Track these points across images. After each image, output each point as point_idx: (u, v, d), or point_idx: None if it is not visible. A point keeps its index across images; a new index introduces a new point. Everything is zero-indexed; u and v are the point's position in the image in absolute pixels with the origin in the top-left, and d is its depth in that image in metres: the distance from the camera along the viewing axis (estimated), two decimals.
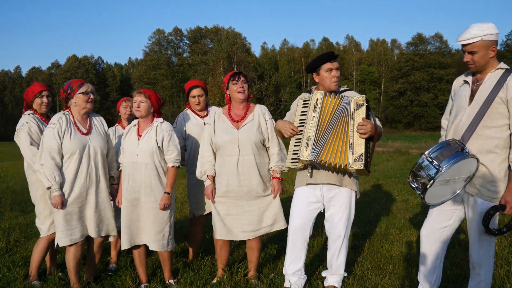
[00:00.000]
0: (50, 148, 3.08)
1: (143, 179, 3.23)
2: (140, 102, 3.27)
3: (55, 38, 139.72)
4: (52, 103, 3.65)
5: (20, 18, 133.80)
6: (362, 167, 2.72)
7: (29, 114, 3.40)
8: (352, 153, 2.74)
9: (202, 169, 3.32)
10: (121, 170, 3.38)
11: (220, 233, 3.30)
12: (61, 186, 3.09)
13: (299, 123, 2.93)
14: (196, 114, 3.90)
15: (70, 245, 3.15)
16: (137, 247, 3.33)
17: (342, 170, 2.86)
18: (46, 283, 3.32)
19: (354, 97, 2.81)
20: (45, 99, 3.45)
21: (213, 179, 3.31)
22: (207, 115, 3.90)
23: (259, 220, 3.26)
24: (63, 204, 3.07)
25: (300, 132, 2.90)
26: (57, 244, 3.15)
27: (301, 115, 2.95)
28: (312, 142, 2.78)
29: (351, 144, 2.75)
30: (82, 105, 3.21)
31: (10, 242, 4.65)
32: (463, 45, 2.56)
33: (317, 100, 2.83)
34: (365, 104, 2.79)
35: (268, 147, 3.32)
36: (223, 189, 3.24)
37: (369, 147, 2.80)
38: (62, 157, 3.13)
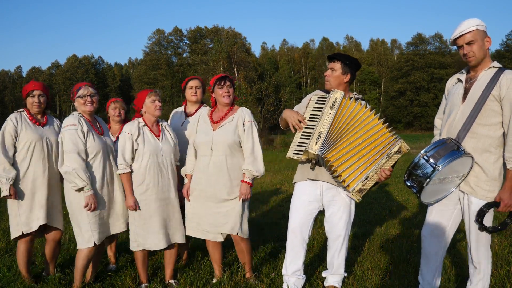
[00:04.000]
0: (78, 149, 3.10)
1: (172, 177, 3.36)
2: (159, 101, 3.34)
3: (55, 38, 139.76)
4: (51, 103, 3.63)
5: (20, 18, 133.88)
6: (358, 201, 2.87)
7: (17, 111, 3.41)
8: (362, 185, 2.81)
9: (184, 168, 3.45)
10: (126, 172, 3.26)
11: (191, 231, 3.39)
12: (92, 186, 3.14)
13: (310, 118, 2.93)
14: (185, 111, 3.95)
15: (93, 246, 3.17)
16: None
17: (338, 181, 2.88)
18: (46, 283, 3.32)
19: (403, 143, 2.80)
20: (36, 99, 3.40)
21: (192, 178, 3.39)
22: (194, 114, 3.89)
23: (223, 222, 3.27)
24: (96, 203, 3.12)
25: (310, 126, 2.89)
26: (93, 242, 3.14)
27: (313, 110, 2.94)
28: (324, 138, 2.77)
29: (368, 177, 2.80)
30: (81, 108, 3.27)
31: (10, 242, 4.64)
32: (461, 38, 2.57)
33: (336, 98, 2.83)
34: (403, 153, 2.83)
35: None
36: (194, 187, 3.33)
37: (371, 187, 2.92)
38: (87, 157, 3.17)
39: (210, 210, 3.28)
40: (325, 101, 2.89)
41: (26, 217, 3.31)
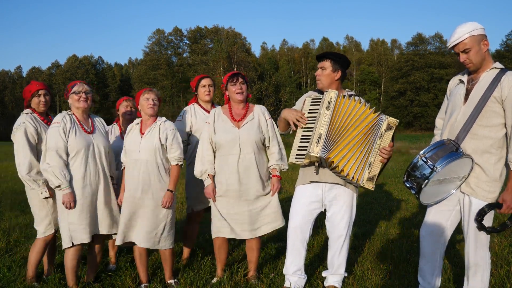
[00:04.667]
0: (57, 147, 3.09)
1: (142, 176, 3.23)
2: (153, 99, 3.32)
3: (55, 38, 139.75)
4: (51, 103, 3.64)
5: (20, 18, 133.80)
6: (372, 189, 2.83)
7: (27, 113, 3.38)
8: (369, 172, 2.81)
9: (203, 168, 3.31)
10: (123, 169, 3.37)
11: (222, 231, 3.29)
12: (70, 185, 3.12)
13: (307, 120, 2.93)
14: (204, 109, 3.90)
15: (70, 246, 3.15)
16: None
17: (348, 180, 2.87)
18: (46, 284, 3.32)
19: (388, 118, 2.84)
20: (42, 98, 3.41)
21: (213, 178, 3.32)
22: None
23: (258, 219, 3.28)
24: (74, 202, 3.10)
25: (308, 129, 2.89)
26: (71, 242, 3.13)
27: (309, 112, 2.94)
28: (324, 139, 2.78)
29: (371, 162, 2.81)
30: (75, 104, 3.25)
31: (10, 242, 4.65)
32: (456, 47, 2.57)
33: (331, 98, 2.84)
34: (394, 128, 2.84)
35: (268, 146, 3.35)
36: (224, 188, 3.26)
37: (381, 169, 2.89)
38: (67, 155, 3.15)
39: (244, 208, 3.25)
40: (320, 102, 2.90)
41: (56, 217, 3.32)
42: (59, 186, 3.08)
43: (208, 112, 3.83)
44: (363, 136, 2.82)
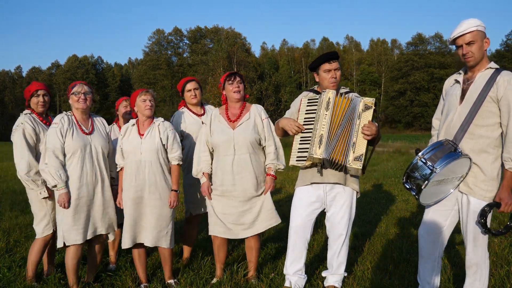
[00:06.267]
0: (54, 147, 3.12)
1: (148, 177, 3.25)
2: (149, 101, 3.32)
3: (55, 38, 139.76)
4: (51, 103, 3.64)
5: (21, 18, 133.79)
6: (360, 167, 2.74)
7: (25, 114, 3.40)
8: (353, 152, 2.76)
9: (198, 167, 3.36)
10: (119, 170, 3.36)
11: (217, 231, 3.31)
12: (67, 185, 3.13)
13: (305, 121, 2.93)
14: (193, 112, 3.90)
15: (70, 245, 3.16)
16: (137, 246, 3.34)
17: (341, 167, 2.85)
18: (46, 284, 3.32)
19: (364, 98, 2.83)
20: (41, 98, 3.42)
21: (209, 176, 3.35)
22: (203, 113, 3.89)
23: (254, 219, 3.27)
24: (69, 202, 3.11)
25: (307, 131, 2.89)
26: (63, 243, 3.15)
27: (306, 113, 2.94)
28: (325, 140, 2.78)
29: (354, 143, 2.77)
30: (74, 105, 3.27)
31: (10, 242, 4.64)
32: (461, 38, 2.57)
33: (329, 99, 2.84)
34: (373, 107, 2.81)
35: (265, 146, 3.34)
36: (219, 188, 3.28)
37: (369, 150, 2.84)
38: (64, 156, 3.17)
39: (237, 209, 3.25)
40: (317, 102, 2.89)
41: (55, 215, 3.33)
42: (55, 186, 3.11)
43: (197, 115, 3.87)
44: (346, 123, 2.81)
